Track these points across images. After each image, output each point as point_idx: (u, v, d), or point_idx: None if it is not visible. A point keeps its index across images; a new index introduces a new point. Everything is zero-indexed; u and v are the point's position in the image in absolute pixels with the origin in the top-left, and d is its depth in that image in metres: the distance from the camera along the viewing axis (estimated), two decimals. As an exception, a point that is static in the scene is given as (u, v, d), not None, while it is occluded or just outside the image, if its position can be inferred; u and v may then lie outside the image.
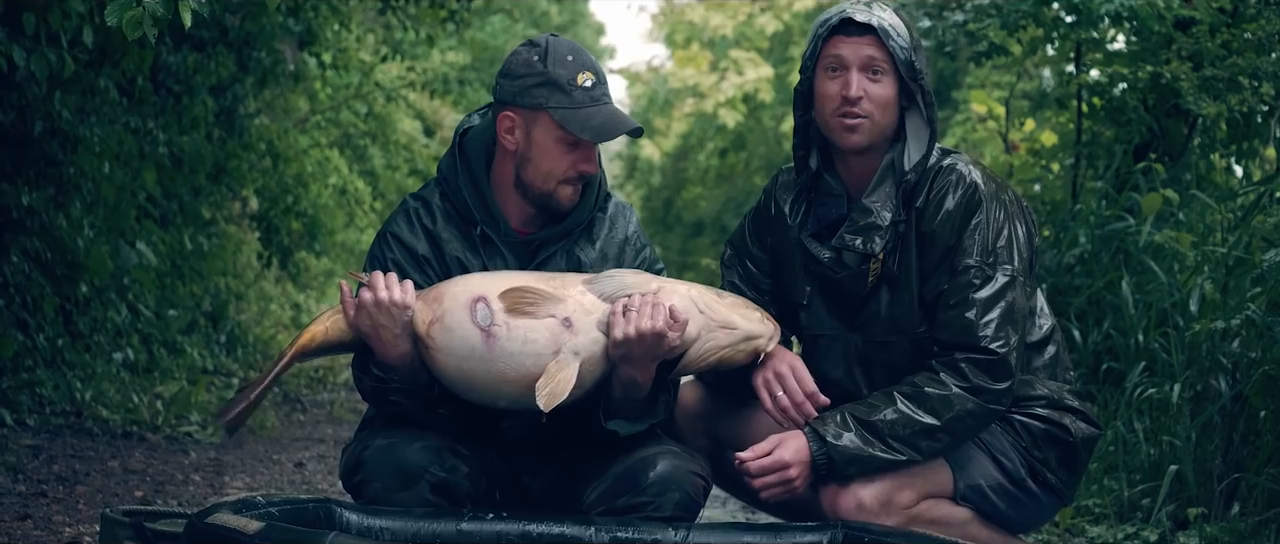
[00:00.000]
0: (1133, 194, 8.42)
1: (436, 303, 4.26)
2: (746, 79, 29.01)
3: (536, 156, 4.45)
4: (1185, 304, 7.18)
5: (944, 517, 4.45)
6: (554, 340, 4.22)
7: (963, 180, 4.45)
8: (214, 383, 10.72)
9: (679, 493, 4.37)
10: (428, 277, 4.50)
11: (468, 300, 4.24)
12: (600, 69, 4.49)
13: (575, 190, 4.49)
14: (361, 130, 19.20)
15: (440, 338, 4.24)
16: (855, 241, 4.48)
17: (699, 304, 4.32)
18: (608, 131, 4.42)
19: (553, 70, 4.42)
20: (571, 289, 4.29)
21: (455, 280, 4.34)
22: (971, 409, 4.35)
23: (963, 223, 4.42)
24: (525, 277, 4.31)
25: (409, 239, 4.55)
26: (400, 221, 4.59)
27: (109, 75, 9.82)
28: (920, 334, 4.48)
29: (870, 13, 4.43)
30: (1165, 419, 6.81)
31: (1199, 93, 8.16)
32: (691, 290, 4.35)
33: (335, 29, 15.28)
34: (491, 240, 4.53)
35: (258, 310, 15.16)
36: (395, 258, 4.53)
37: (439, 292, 4.29)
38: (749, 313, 4.41)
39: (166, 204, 12.04)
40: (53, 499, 6.49)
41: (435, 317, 4.25)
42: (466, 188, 4.53)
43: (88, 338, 9.80)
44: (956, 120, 18.95)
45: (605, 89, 4.49)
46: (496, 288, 4.25)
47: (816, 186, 4.62)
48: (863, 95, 4.43)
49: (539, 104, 4.42)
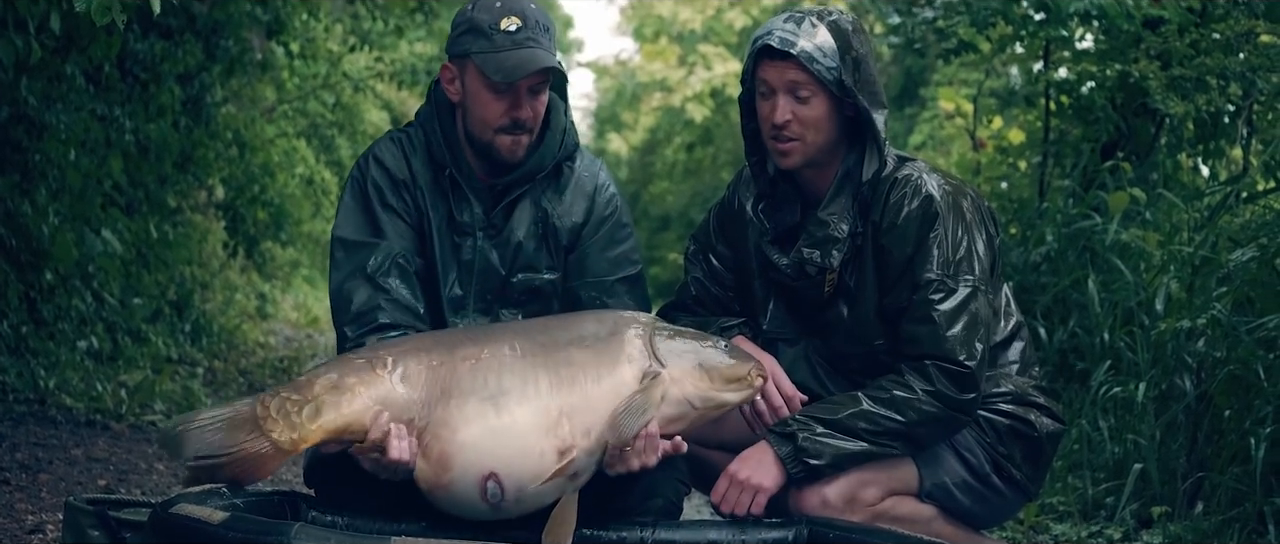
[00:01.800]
0: (1100, 193, 8.44)
1: (443, 469, 4.06)
2: (714, 74, 29.01)
3: (471, 105, 4.49)
4: (1151, 303, 7.21)
5: (908, 513, 4.45)
6: (559, 494, 4.11)
7: (918, 192, 4.43)
8: (178, 372, 10.68)
9: (662, 500, 4.39)
10: (403, 203, 4.53)
11: (478, 477, 4.05)
12: (535, 16, 4.46)
13: (515, 141, 4.48)
14: (329, 120, 19.15)
15: (444, 501, 4.11)
16: (813, 255, 4.48)
17: (694, 401, 4.19)
18: (519, 71, 4.38)
19: (477, 16, 4.45)
20: (577, 433, 4.09)
21: (459, 429, 4.07)
22: (935, 414, 4.34)
23: (920, 235, 4.41)
24: (528, 416, 4.08)
25: (390, 163, 4.57)
26: (383, 146, 4.60)
27: (76, 62, 9.77)
28: (878, 347, 4.48)
29: (796, 35, 4.39)
30: (1130, 418, 6.83)
31: (1167, 92, 8.18)
32: (685, 387, 4.18)
33: (303, 18, 15.23)
34: (459, 185, 4.55)
35: (223, 299, 15.11)
36: (374, 179, 4.54)
37: (446, 455, 4.06)
38: (739, 381, 4.24)
39: (132, 192, 11.99)
40: (16, 487, 6.46)
41: (441, 483, 4.07)
42: (438, 134, 4.56)
43: (52, 325, 9.75)
44: (924, 117, 18.97)
45: (533, 32, 4.43)
46: (507, 464, 4.05)
47: (774, 192, 4.61)
48: (791, 119, 4.42)
49: (465, 51, 4.46)
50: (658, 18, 31.21)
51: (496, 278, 4.60)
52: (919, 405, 4.33)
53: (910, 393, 4.34)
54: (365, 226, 4.54)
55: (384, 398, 4.07)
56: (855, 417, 4.34)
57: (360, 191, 4.58)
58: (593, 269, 4.65)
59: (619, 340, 4.17)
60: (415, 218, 4.56)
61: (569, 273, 4.66)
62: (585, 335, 4.18)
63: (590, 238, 4.64)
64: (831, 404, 4.39)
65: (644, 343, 4.18)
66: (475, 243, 4.57)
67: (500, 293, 4.61)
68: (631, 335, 4.18)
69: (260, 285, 17.61)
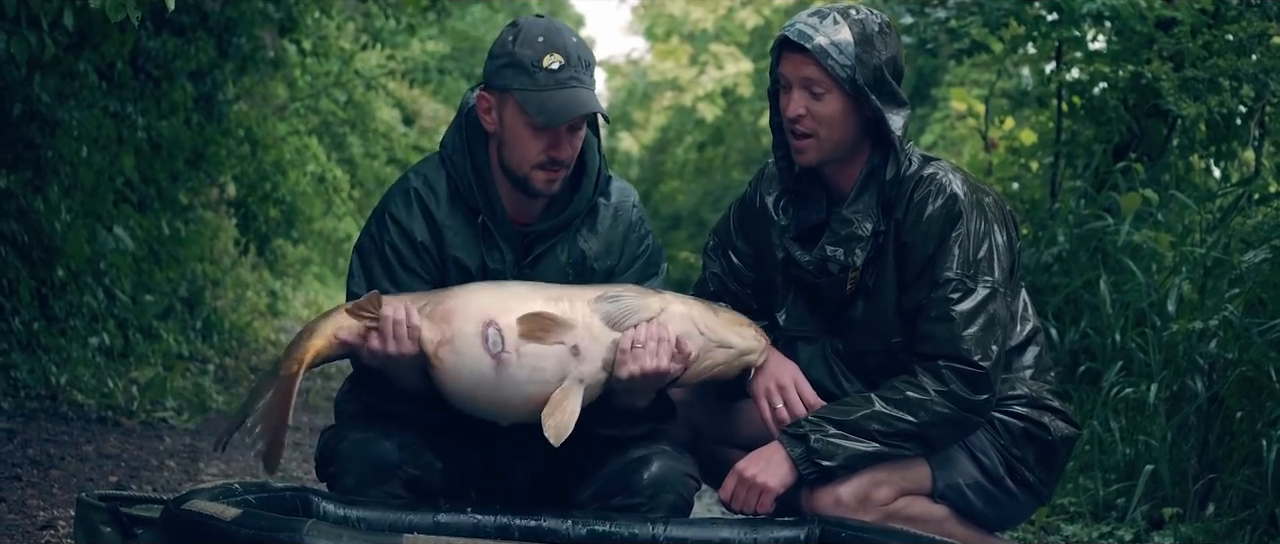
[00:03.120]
0: (1112, 194, 8.43)
1: (445, 323, 4.19)
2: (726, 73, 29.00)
3: (509, 140, 4.38)
4: (1163, 304, 7.20)
5: (921, 514, 4.44)
6: (561, 368, 4.19)
7: (943, 190, 4.42)
8: (190, 369, 10.70)
9: (672, 495, 4.37)
10: (424, 264, 4.44)
11: (479, 324, 4.17)
12: (577, 51, 4.37)
13: (550, 177, 4.39)
14: (340, 118, 19.16)
15: (448, 360, 4.19)
16: (836, 253, 4.47)
17: (699, 325, 4.32)
18: (563, 115, 4.30)
19: (520, 51, 4.34)
20: (578, 310, 4.24)
21: (463, 295, 4.25)
22: (949, 415, 4.34)
23: (943, 233, 4.40)
24: (532, 290, 4.27)
25: (407, 223, 4.46)
26: (398, 203, 4.49)
27: (89, 59, 9.79)
28: (895, 345, 4.47)
29: (816, 29, 4.39)
30: (1141, 419, 6.83)
31: (1179, 93, 8.17)
32: (691, 309, 4.33)
33: (315, 16, 15.24)
34: (491, 232, 4.46)
35: (234, 297, 15.15)
36: (392, 242, 4.44)
37: (448, 309, 4.21)
38: (744, 330, 4.40)
39: (144, 189, 12.01)
40: (27, 483, 6.47)
41: (444, 338, 4.18)
42: (469, 171, 4.46)
43: (64, 322, 9.77)
44: (936, 117, 18.96)
45: (576, 72, 4.34)
46: (506, 309, 4.19)
47: (798, 188, 4.61)
48: (805, 114, 4.42)
49: (506, 86, 4.35)
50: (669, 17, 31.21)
51: None
52: (932, 406, 4.33)
53: (923, 394, 4.34)
54: (382, 285, 4.43)
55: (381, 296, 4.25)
56: (868, 418, 4.34)
57: (379, 256, 4.47)
58: None
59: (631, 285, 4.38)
60: (436, 276, 4.48)
61: None
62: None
63: (623, 274, 4.56)
64: (844, 405, 4.39)
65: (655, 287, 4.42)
66: None
67: None
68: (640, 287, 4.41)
69: (272, 283, 17.65)
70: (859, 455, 4.33)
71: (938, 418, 4.34)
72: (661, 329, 4.25)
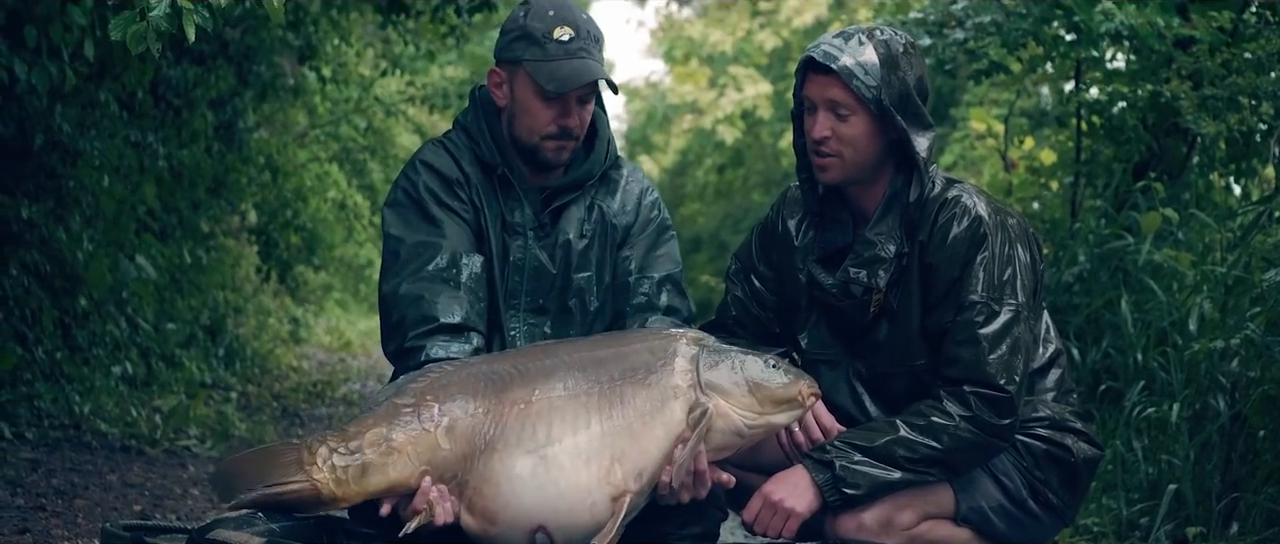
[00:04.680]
0: (1132, 213, 8.42)
1: (489, 523, 4.07)
2: (745, 95, 28.95)
3: (519, 111, 4.55)
4: (1184, 323, 7.18)
5: (945, 538, 4.44)
6: None
7: (968, 213, 4.42)
8: (212, 397, 10.72)
9: (700, 527, 4.42)
10: (461, 200, 4.55)
11: (526, 529, 4.06)
12: (587, 26, 4.54)
13: (561, 146, 4.56)
14: (360, 145, 19.20)
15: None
16: (860, 275, 4.48)
17: (742, 431, 4.18)
18: (572, 82, 4.46)
19: (531, 24, 4.51)
20: (627, 473, 4.09)
21: (504, 486, 4.06)
22: (973, 440, 4.34)
23: (968, 256, 4.40)
24: (571, 460, 4.08)
25: (438, 164, 4.58)
26: (429, 153, 4.62)
27: (109, 89, 9.82)
28: (919, 366, 4.47)
29: (841, 50, 4.40)
30: (1164, 438, 6.81)
31: (1198, 112, 8.15)
32: (734, 409, 4.16)
33: (335, 43, 15.29)
34: (511, 185, 4.59)
35: (256, 324, 15.17)
36: (426, 183, 4.55)
37: (491, 512, 4.07)
38: (791, 408, 4.22)
39: (166, 217, 12.04)
40: (51, 513, 6.48)
41: (489, 537, 4.07)
42: (487, 133, 4.61)
43: (86, 351, 9.80)
44: (955, 137, 18.92)
45: (585, 43, 4.52)
46: (554, 511, 4.05)
47: (822, 211, 4.61)
48: (830, 135, 4.43)
49: (517, 58, 4.53)
50: (688, 40, 31.18)
51: (547, 277, 4.63)
52: (956, 432, 4.33)
53: (948, 419, 4.33)
54: (423, 227, 4.52)
55: (429, 458, 4.07)
56: (893, 444, 4.33)
57: (413, 197, 4.56)
58: (639, 266, 4.72)
59: (668, 372, 4.15)
60: (473, 216, 4.57)
61: (618, 271, 4.71)
62: (635, 367, 4.16)
63: (638, 236, 4.74)
64: (869, 430, 4.39)
65: (691, 372, 4.16)
66: (525, 243, 4.60)
67: (550, 292, 4.64)
68: (680, 366, 4.16)
69: (293, 310, 17.67)
70: (884, 483, 4.33)
71: (962, 443, 4.33)
72: (699, 460, 4.15)
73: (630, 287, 4.69)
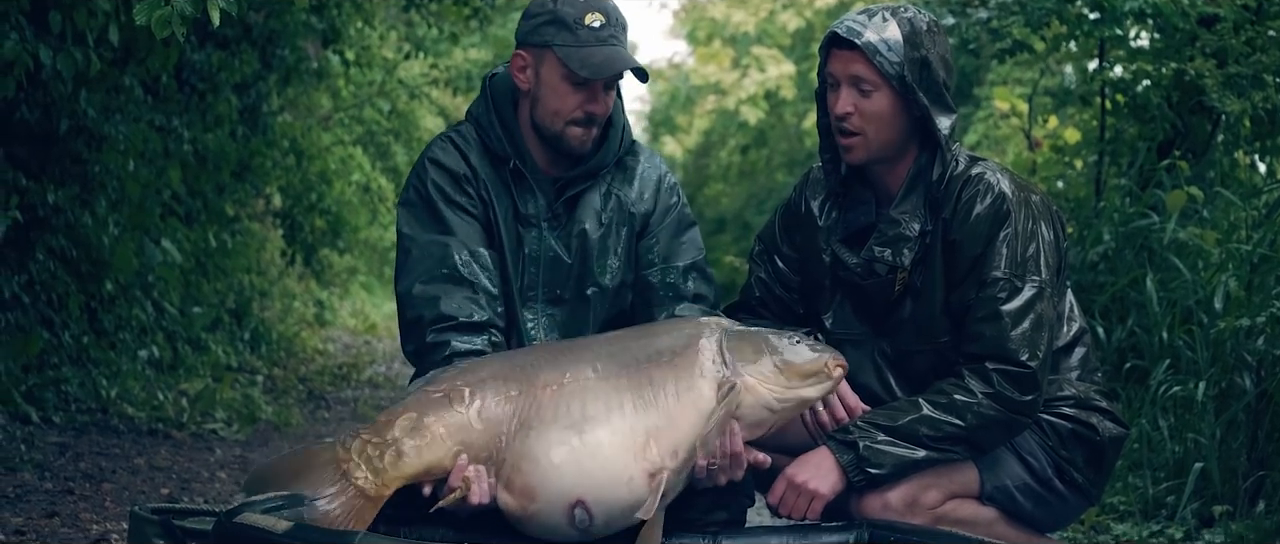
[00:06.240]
0: (1157, 191, 8.41)
1: (528, 499, 4.06)
2: (768, 76, 28.95)
3: (545, 95, 4.54)
4: (1210, 301, 7.17)
5: (970, 517, 4.44)
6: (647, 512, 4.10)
7: (991, 190, 4.42)
8: (238, 380, 10.75)
9: (726, 512, 4.42)
10: (469, 196, 4.54)
11: (565, 505, 4.05)
12: (615, 12, 4.55)
13: (586, 133, 4.55)
14: (384, 128, 19.22)
15: (529, 527, 4.10)
16: (884, 253, 4.47)
17: (773, 405, 4.19)
18: (606, 68, 4.47)
19: (561, 9, 4.51)
20: (663, 450, 4.09)
21: (541, 462, 4.06)
22: (996, 418, 4.34)
23: (991, 233, 4.40)
24: (609, 437, 4.09)
25: (447, 161, 4.58)
26: (434, 149, 4.62)
27: (134, 73, 9.85)
28: (944, 344, 4.47)
29: (865, 26, 4.41)
30: (1190, 417, 6.81)
31: (1223, 90, 8.14)
32: (761, 384, 4.17)
33: (358, 26, 15.29)
34: (523, 176, 4.58)
35: (282, 307, 15.20)
36: (434, 181, 4.55)
37: (530, 487, 4.05)
38: (819, 381, 4.23)
39: (191, 202, 12.07)
40: (80, 496, 6.51)
41: (527, 513, 4.07)
42: (497, 126, 4.60)
43: (113, 335, 9.83)
44: (979, 117, 18.91)
45: (615, 30, 4.53)
46: (594, 484, 4.04)
47: (846, 191, 4.62)
48: (852, 112, 4.43)
49: (546, 42, 4.51)
50: (711, 21, 31.18)
51: (562, 268, 4.63)
52: (980, 409, 4.33)
53: (971, 397, 4.33)
54: (433, 226, 4.53)
55: (463, 438, 4.08)
56: (916, 422, 4.34)
57: (422, 196, 4.57)
58: (663, 255, 4.70)
59: (694, 352, 4.17)
60: (481, 211, 4.57)
61: (640, 260, 4.70)
62: (662, 350, 4.17)
63: (659, 225, 4.71)
64: (892, 410, 4.39)
65: (718, 352, 4.17)
66: (540, 234, 4.60)
67: (567, 282, 4.64)
68: (706, 346, 4.17)
69: (318, 293, 17.70)
70: (908, 462, 4.33)
71: (986, 420, 4.33)
72: (734, 441, 4.17)
73: (656, 276, 4.68)
